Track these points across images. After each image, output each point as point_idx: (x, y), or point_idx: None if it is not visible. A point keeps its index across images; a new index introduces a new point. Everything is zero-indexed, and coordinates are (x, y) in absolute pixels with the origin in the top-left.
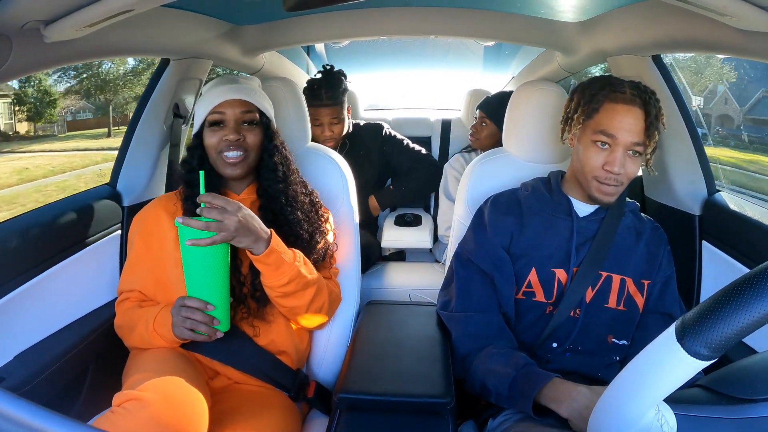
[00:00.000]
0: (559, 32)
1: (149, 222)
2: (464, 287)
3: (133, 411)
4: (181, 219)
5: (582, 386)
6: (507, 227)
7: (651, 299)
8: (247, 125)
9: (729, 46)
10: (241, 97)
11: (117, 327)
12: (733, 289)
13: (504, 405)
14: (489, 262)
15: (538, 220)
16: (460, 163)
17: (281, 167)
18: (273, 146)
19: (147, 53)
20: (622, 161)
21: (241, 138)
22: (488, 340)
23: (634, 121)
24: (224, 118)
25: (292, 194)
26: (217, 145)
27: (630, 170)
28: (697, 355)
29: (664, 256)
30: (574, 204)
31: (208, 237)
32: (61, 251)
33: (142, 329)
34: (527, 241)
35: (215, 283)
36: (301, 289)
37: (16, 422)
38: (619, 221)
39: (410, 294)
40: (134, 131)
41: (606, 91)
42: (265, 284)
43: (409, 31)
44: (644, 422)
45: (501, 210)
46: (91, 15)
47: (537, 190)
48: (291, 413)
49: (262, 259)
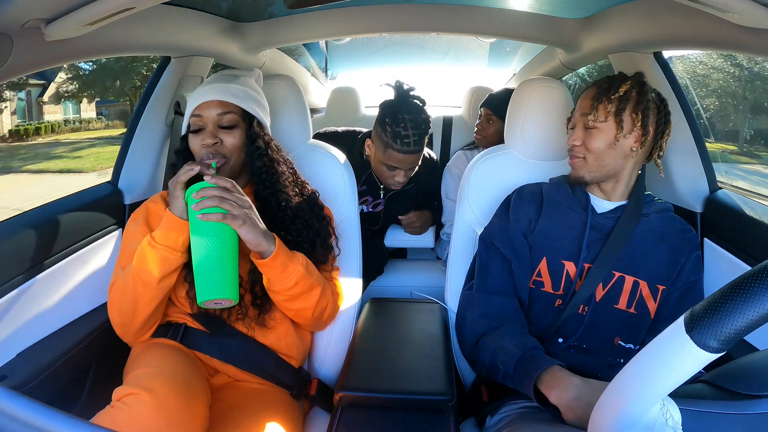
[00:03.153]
0: (560, 29)
1: (150, 210)
2: (485, 268)
3: (133, 405)
4: (196, 194)
5: (577, 378)
6: (527, 214)
7: (666, 307)
8: (225, 128)
9: (731, 43)
10: (217, 98)
11: (111, 305)
12: (744, 281)
13: (509, 384)
14: (509, 247)
15: (555, 211)
16: (462, 161)
17: (266, 170)
18: (255, 148)
19: (148, 51)
20: (580, 134)
21: (218, 142)
22: (503, 321)
23: (587, 96)
24: (202, 122)
25: (284, 198)
26: (199, 151)
27: (590, 143)
28: (707, 348)
29: (688, 262)
30: (592, 199)
31: (219, 212)
32: (63, 249)
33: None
34: (542, 230)
35: (224, 254)
36: (307, 290)
37: (18, 420)
38: (636, 221)
39: (411, 292)
40: (135, 129)
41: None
42: (272, 289)
43: (410, 27)
44: (649, 416)
45: (524, 199)
46: (92, 13)
47: (560, 185)
48: (292, 411)
49: (269, 263)
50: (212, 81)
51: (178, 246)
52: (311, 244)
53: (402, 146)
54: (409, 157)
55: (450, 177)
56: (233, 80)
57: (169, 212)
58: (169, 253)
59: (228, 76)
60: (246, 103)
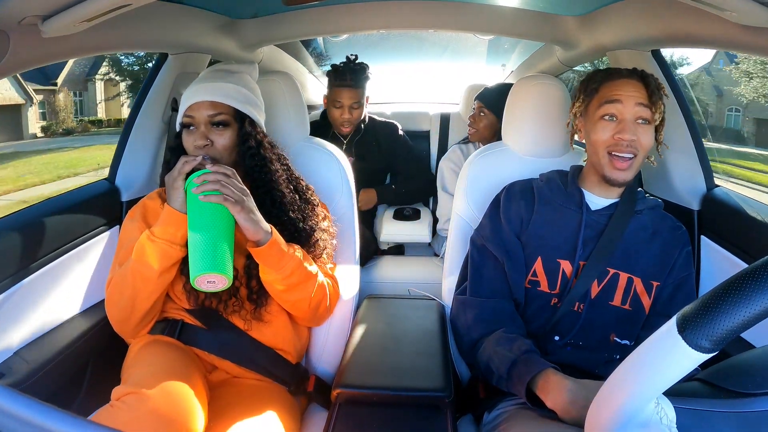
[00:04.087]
0: (558, 26)
1: (147, 207)
2: (478, 272)
3: (132, 405)
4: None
5: (570, 381)
6: (518, 213)
7: (659, 302)
8: (217, 127)
9: (729, 42)
10: (208, 98)
11: (108, 301)
12: (735, 282)
13: (503, 387)
14: (502, 249)
15: (548, 209)
16: (457, 155)
17: (258, 170)
18: (247, 148)
19: (145, 48)
20: (633, 129)
21: (209, 144)
22: (499, 325)
23: (634, 88)
24: (193, 122)
25: (278, 195)
26: (192, 151)
27: (643, 139)
28: (699, 348)
29: (679, 258)
30: (586, 196)
31: (219, 194)
32: (60, 247)
33: (135, 265)
34: (536, 229)
35: (220, 233)
36: (303, 280)
37: (16, 418)
38: (629, 217)
39: (409, 288)
40: (132, 126)
41: (603, 74)
42: (268, 280)
43: (408, 24)
44: (644, 415)
45: (514, 196)
46: (89, 10)
47: (552, 181)
48: (290, 407)
49: (266, 251)
50: (205, 79)
51: (177, 239)
52: (306, 239)
53: (339, 81)
54: (347, 92)
55: (446, 170)
56: (226, 78)
57: (168, 206)
58: (169, 247)
59: (222, 72)
60: (238, 103)
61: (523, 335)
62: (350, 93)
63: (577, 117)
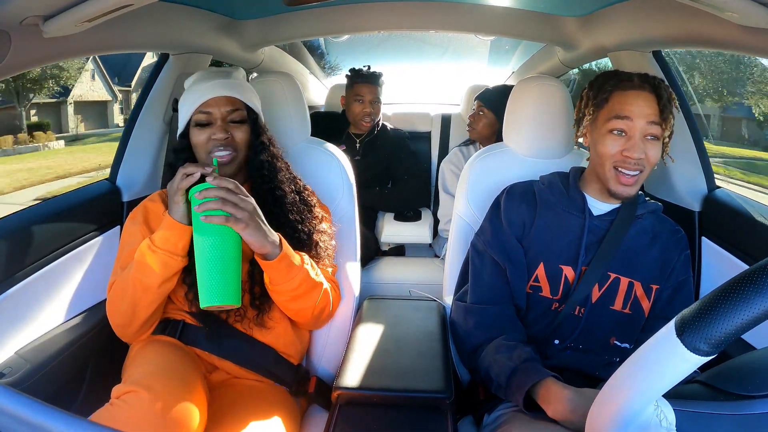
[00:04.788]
0: (559, 27)
1: (148, 210)
2: (478, 277)
3: (132, 403)
4: (199, 194)
5: (571, 391)
6: (520, 217)
7: (658, 304)
8: (234, 123)
9: (730, 43)
10: (227, 94)
11: (110, 306)
12: (733, 285)
13: (501, 395)
14: (503, 254)
15: (550, 214)
16: (458, 157)
17: (267, 166)
18: (260, 143)
19: (146, 48)
20: (642, 146)
21: (229, 136)
22: (500, 331)
23: (645, 103)
24: (211, 118)
25: (281, 194)
26: (206, 144)
27: (651, 155)
28: (697, 351)
29: (678, 261)
30: (589, 201)
31: (222, 215)
32: (61, 247)
33: (135, 274)
34: (538, 234)
35: (227, 258)
36: (309, 290)
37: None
38: (630, 222)
39: (410, 289)
40: (134, 126)
41: (614, 81)
42: (275, 290)
43: (409, 25)
44: (643, 418)
45: (515, 200)
46: (90, 10)
47: (553, 185)
48: (290, 408)
49: (275, 265)
50: (213, 77)
51: (178, 250)
52: (306, 240)
53: (361, 78)
54: (368, 87)
55: (447, 171)
56: (232, 76)
57: (169, 216)
58: (169, 258)
59: (223, 72)
60: (250, 100)
61: (524, 341)
62: (371, 88)
63: (583, 121)
